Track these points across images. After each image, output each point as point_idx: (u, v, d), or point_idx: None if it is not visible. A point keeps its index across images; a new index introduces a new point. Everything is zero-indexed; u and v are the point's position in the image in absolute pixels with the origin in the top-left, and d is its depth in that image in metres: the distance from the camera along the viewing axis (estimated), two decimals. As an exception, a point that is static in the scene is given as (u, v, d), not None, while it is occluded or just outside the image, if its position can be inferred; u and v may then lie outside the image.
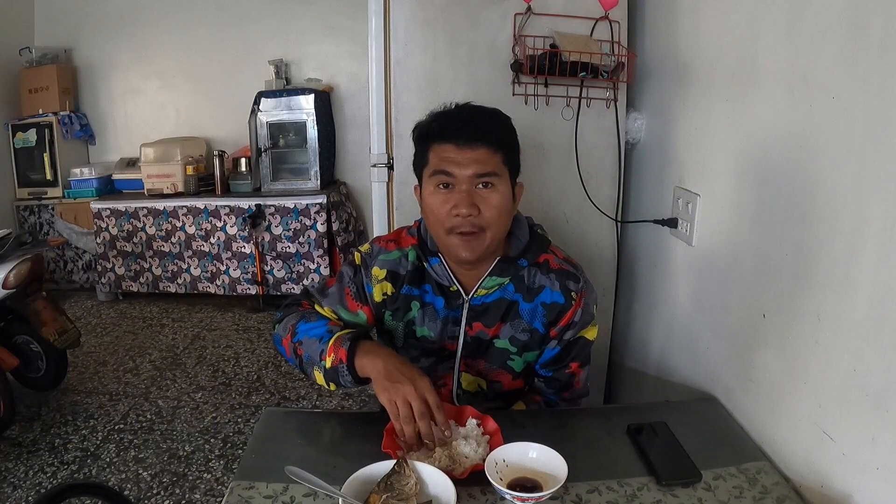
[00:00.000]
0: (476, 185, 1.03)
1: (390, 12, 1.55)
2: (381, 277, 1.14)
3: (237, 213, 3.57)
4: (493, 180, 1.03)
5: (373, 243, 1.18)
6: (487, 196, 1.03)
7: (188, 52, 3.95)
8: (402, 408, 0.93)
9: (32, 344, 2.59)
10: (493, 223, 1.04)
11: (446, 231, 1.05)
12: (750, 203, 1.15)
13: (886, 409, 0.79)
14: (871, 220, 0.83)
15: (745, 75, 1.16)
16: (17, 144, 3.83)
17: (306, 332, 1.08)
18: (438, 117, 1.07)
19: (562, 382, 1.19)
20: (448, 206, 1.03)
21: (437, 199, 1.04)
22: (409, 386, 0.94)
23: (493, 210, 1.03)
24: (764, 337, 1.10)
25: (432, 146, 1.05)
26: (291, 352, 1.11)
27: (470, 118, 1.05)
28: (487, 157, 1.02)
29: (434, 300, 1.14)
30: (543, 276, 1.13)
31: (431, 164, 1.05)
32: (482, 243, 1.04)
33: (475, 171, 1.02)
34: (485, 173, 1.02)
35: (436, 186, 1.05)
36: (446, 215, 1.04)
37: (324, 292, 1.18)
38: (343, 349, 1.01)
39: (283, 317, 1.17)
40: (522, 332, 1.14)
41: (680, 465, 0.95)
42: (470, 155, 1.02)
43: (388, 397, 0.94)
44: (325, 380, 1.05)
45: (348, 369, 1.00)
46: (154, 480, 2.08)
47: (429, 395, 0.94)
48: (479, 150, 1.02)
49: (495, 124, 1.07)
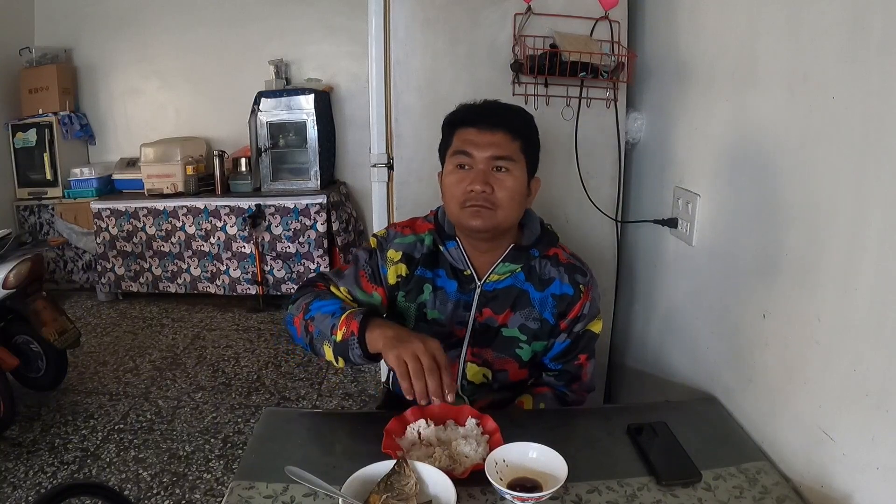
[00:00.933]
0: (492, 167, 1.09)
1: (390, 12, 1.55)
2: (397, 259, 1.18)
3: (237, 213, 3.57)
4: (508, 165, 1.09)
5: (389, 228, 1.23)
6: (502, 178, 1.09)
7: (188, 52, 3.95)
8: (411, 363, 0.94)
9: (32, 344, 2.58)
10: (504, 203, 1.09)
11: (461, 205, 1.09)
12: (750, 203, 1.15)
13: (886, 409, 0.79)
14: (871, 220, 0.83)
15: (745, 75, 1.16)
16: (17, 144, 3.83)
17: (319, 309, 1.10)
18: (466, 106, 1.16)
19: (571, 374, 1.22)
20: (464, 183, 1.09)
21: (455, 178, 1.11)
22: (419, 343, 0.95)
23: (506, 191, 1.08)
24: (764, 337, 1.10)
25: (457, 130, 1.13)
26: (302, 330, 1.11)
27: (494, 107, 1.14)
28: (505, 141, 1.09)
29: (446, 283, 1.17)
30: (553, 267, 1.17)
31: (454, 145, 1.13)
32: (493, 217, 1.09)
33: (492, 154, 1.08)
34: (501, 156, 1.08)
35: (455, 166, 1.11)
36: (462, 192, 1.09)
37: (340, 275, 1.20)
38: (356, 321, 1.02)
39: (297, 297, 1.18)
40: (533, 321, 1.17)
41: (680, 465, 0.95)
42: (489, 138, 1.08)
43: (397, 354, 0.95)
44: (334, 354, 1.05)
45: (359, 342, 1.01)
46: (154, 480, 2.08)
47: (438, 353, 0.96)
48: (498, 134, 1.08)
49: (517, 116, 1.14)
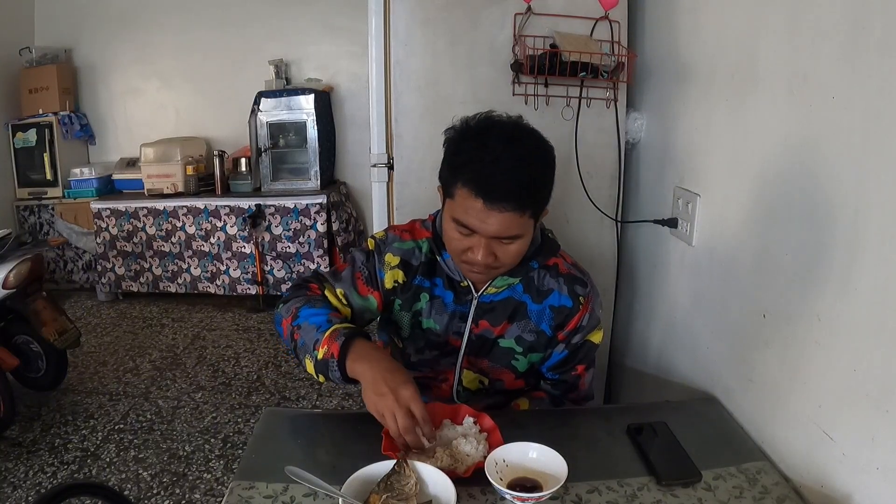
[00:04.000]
0: (497, 238, 1.00)
1: (390, 12, 1.55)
2: (394, 264, 1.15)
3: (237, 213, 3.56)
4: (515, 238, 1.00)
5: (388, 231, 1.19)
6: (507, 245, 1.01)
7: (188, 52, 3.95)
8: (388, 422, 0.93)
9: (32, 344, 2.58)
10: (508, 264, 1.05)
11: (458, 257, 1.06)
12: (750, 203, 1.15)
13: (886, 409, 0.79)
14: (871, 220, 0.83)
15: (745, 75, 1.16)
16: (17, 144, 3.82)
17: (307, 318, 1.07)
18: (475, 154, 0.97)
19: (568, 384, 1.20)
20: (465, 244, 1.02)
21: (456, 235, 1.02)
22: (390, 399, 0.92)
23: (511, 257, 1.03)
24: (764, 337, 1.10)
25: (460, 187, 0.98)
26: (289, 335, 1.09)
27: (507, 171, 0.95)
28: (513, 220, 0.97)
29: (443, 293, 1.15)
30: (553, 279, 1.14)
31: (456, 203, 0.99)
32: (493, 276, 1.08)
33: (498, 234, 0.98)
34: (508, 236, 0.99)
35: (457, 225, 1.01)
36: (462, 250, 1.03)
37: (336, 276, 1.17)
38: (336, 344, 0.99)
39: (289, 297, 1.15)
40: (529, 333, 1.15)
41: (680, 465, 0.95)
42: (496, 217, 0.96)
43: (375, 409, 0.95)
44: (314, 370, 1.03)
45: (338, 365, 0.99)
46: (154, 480, 2.08)
47: (413, 404, 0.93)
48: (507, 213, 0.95)
49: (531, 178, 0.97)
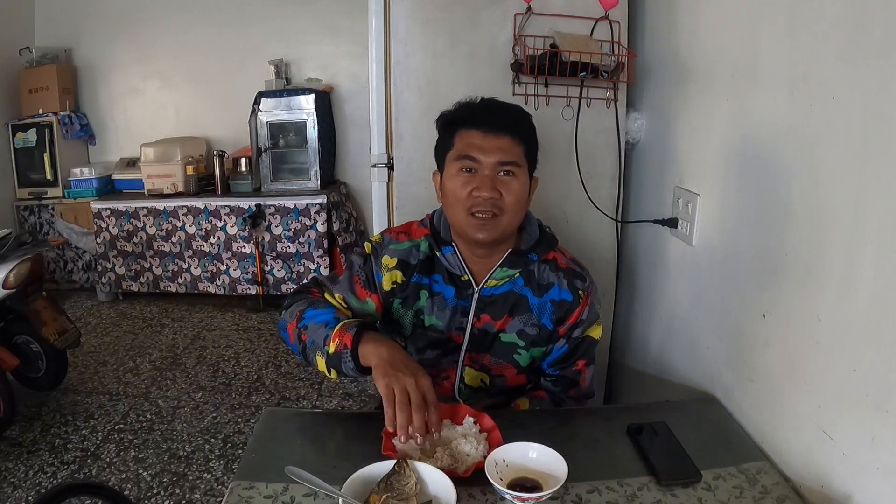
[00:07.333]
0: (498, 172, 1.07)
1: (390, 12, 1.55)
2: (392, 266, 1.16)
3: (237, 213, 3.56)
4: (514, 169, 1.07)
5: (384, 234, 1.21)
6: (508, 182, 1.07)
7: (188, 52, 3.95)
8: (399, 395, 0.92)
9: (32, 344, 2.58)
10: (511, 208, 1.08)
11: (466, 211, 1.08)
12: (750, 203, 1.15)
13: (886, 409, 0.79)
14: (871, 220, 0.83)
15: (745, 75, 1.16)
16: (18, 144, 3.82)
17: (313, 318, 1.08)
18: (465, 105, 1.11)
19: (569, 380, 1.21)
20: (470, 187, 1.07)
21: (460, 182, 1.08)
22: (411, 378, 0.93)
23: (513, 196, 1.07)
24: (764, 337, 1.10)
25: (459, 131, 1.09)
26: (295, 337, 1.10)
27: (497, 108, 1.10)
28: (511, 146, 1.07)
29: (444, 289, 1.16)
30: (552, 272, 1.16)
31: (457, 148, 1.09)
32: (498, 226, 1.08)
33: (499, 159, 1.06)
34: (508, 161, 1.06)
35: (459, 170, 1.08)
36: (467, 197, 1.07)
37: (334, 281, 1.18)
38: (349, 334, 1.01)
39: (290, 303, 1.16)
40: (531, 327, 1.16)
41: (680, 465, 0.95)
42: (495, 143, 1.06)
43: (387, 383, 0.93)
44: (326, 366, 1.04)
45: (352, 355, 0.99)
46: (154, 480, 2.08)
47: (428, 392, 0.94)
48: (504, 138, 1.06)
49: (521, 118, 1.11)
